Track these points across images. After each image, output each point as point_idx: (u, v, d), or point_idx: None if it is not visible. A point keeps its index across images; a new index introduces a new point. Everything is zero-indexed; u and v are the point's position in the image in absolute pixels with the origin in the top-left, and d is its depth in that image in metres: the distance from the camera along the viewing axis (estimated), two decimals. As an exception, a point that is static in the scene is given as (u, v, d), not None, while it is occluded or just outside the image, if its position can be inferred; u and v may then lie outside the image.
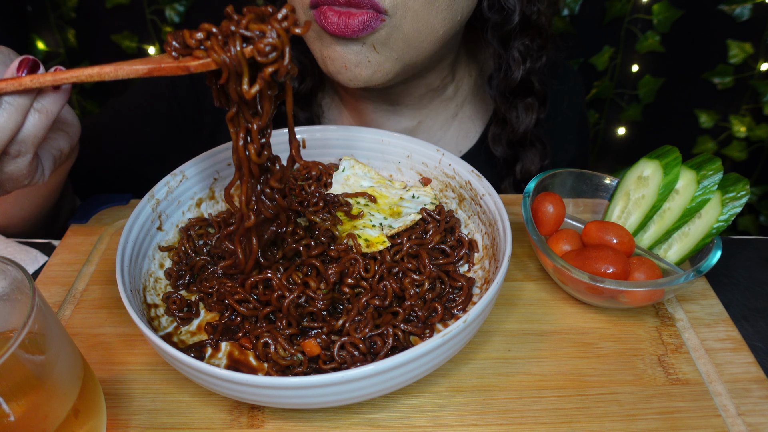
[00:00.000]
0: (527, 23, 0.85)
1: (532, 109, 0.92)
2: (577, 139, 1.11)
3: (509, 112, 0.92)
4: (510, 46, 0.87)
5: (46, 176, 0.64)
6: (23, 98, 0.55)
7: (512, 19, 0.83)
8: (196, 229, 0.73)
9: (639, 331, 0.66)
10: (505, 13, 0.83)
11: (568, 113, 1.07)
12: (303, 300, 0.62)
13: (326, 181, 0.80)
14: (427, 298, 0.64)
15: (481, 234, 0.72)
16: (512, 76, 0.88)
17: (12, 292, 0.47)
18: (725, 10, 1.64)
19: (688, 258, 0.69)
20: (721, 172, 0.66)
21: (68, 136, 0.66)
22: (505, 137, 0.96)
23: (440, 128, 0.99)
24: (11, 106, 0.55)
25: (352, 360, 0.57)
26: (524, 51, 0.87)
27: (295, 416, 0.57)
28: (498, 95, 0.92)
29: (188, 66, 0.53)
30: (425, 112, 0.97)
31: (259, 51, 0.52)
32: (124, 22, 1.69)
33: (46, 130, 0.59)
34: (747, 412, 0.57)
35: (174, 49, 0.54)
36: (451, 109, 0.99)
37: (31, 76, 0.55)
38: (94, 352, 0.63)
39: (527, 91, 0.91)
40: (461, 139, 1.01)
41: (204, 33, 0.53)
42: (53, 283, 0.72)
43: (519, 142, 0.95)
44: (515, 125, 0.93)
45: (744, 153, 1.85)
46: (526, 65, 0.88)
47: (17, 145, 0.58)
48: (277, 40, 0.52)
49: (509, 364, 0.62)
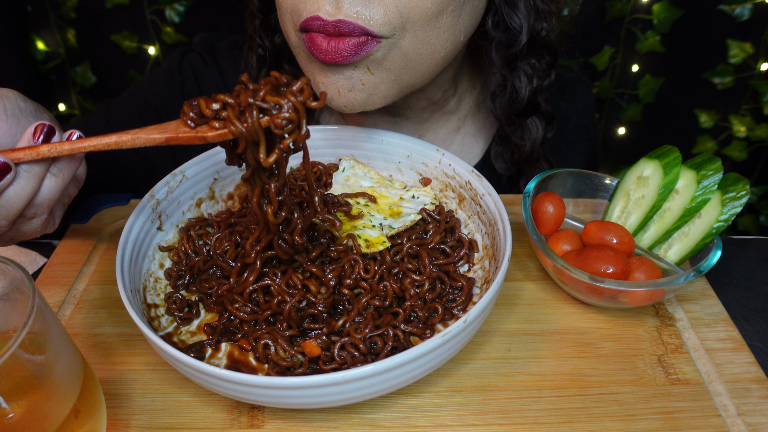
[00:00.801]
0: (535, 43, 0.81)
1: (537, 128, 0.89)
2: (585, 152, 1.08)
3: (514, 133, 0.89)
4: (516, 67, 0.82)
5: (56, 225, 0.65)
6: (40, 166, 0.56)
7: (519, 40, 0.79)
8: (196, 229, 0.73)
9: (639, 331, 0.66)
10: (511, 33, 0.79)
11: (575, 127, 1.04)
12: (303, 304, 0.62)
13: (326, 181, 0.80)
14: (427, 299, 0.64)
15: (481, 234, 0.72)
16: (518, 98, 0.84)
17: (12, 292, 0.47)
18: (725, 10, 1.64)
19: (688, 258, 0.69)
20: (721, 172, 0.66)
21: (77, 182, 0.66)
22: (508, 155, 0.93)
23: (442, 143, 0.96)
24: (28, 174, 0.56)
25: (353, 361, 0.57)
26: (531, 72, 0.83)
27: (295, 416, 0.57)
28: (502, 115, 0.88)
29: (205, 136, 0.54)
30: (426, 126, 0.95)
31: (275, 125, 0.52)
32: (124, 22, 1.69)
33: (61, 192, 0.59)
34: (747, 412, 0.57)
35: (190, 119, 0.54)
36: (453, 123, 0.96)
37: (49, 146, 0.55)
38: (94, 352, 0.63)
39: (533, 111, 0.87)
40: (465, 154, 0.98)
41: (220, 104, 0.53)
42: (53, 283, 0.72)
43: (525, 160, 0.92)
44: (520, 145, 0.89)
45: (744, 153, 1.85)
46: (533, 85, 0.83)
47: (33, 208, 0.59)
48: (294, 114, 0.52)
49: (509, 364, 0.62)
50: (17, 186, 0.56)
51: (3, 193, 0.56)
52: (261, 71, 0.92)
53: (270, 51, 0.90)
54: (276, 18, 0.88)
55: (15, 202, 0.56)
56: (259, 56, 0.91)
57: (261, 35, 0.90)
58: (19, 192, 0.56)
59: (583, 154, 1.07)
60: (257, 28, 0.90)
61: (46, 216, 0.61)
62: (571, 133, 1.03)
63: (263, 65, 0.92)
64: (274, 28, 0.89)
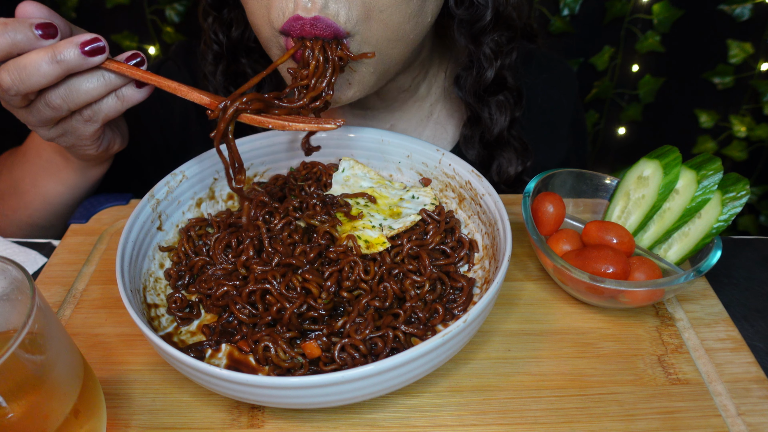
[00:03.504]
0: (499, 19, 0.81)
1: (506, 106, 0.88)
2: (569, 138, 1.06)
3: (482, 111, 0.88)
4: (481, 42, 0.82)
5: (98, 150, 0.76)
6: (117, 79, 0.66)
7: (484, 17, 0.79)
8: (196, 229, 0.72)
9: (639, 331, 0.66)
10: (475, 10, 0.79)
11: (556, 110, 1.03)
12: (304, 308, 0.61)
13: (326, 181, 0.80)
14: (427, 300, 0.64)
15: (481, 234, 0.72)
16: (485, 74, 0.84)
17: (12, 292, 0.47)
18: (725, 10, 1.64)
19: (688, 258, 0.69)
20: (721, 172, 0.66)
21: (122, 139, 0.81)
22: (477, 138, 0.92)
23: (414, 129, 0.96)
24: (103, 79, 0.66)
25: (353, 362, 0.57)
26: (495, 47, 0.83)
27: (295, 416, 0.57)
28: (470, 94, 0.87)
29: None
30: (398, 115, 0.94)
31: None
32: (124, 22, 1.69)
33: (117, 113, 0.69)
34: (747, 412, 0.57)
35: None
36: (426, 109, 0.96)
37: (128, 68, 0.65)
38: (94, 352, 0.63)
39: (500, 87, 0.87)
40: (438, 139, 0.97)
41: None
42: (53, 283, 0.72)
43: (495, 142, 0.91)
44: (490, 124, 0.89)
45: (744, 153, 1.85)
46: (497, 62, 0.84)
47: (92, 110, 0.68)
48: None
49: (509, 364, 0.62)
50: (91, 81, 0.65)
51: (79, 79, 0.65)
52: (218, 66, 0.92)
53: (226, 46, 0.90)
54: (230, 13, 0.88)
55: (83, 93, 0.65)
56: (216, 52, 0.91)
57: (216, 30, 0.89)
58: (89, 88, 0.65)
59: (566, 140, 1.06)
60: (211, 24, 0.89)
61: (98, 125, 0.70)
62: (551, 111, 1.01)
63: (220, 60, 0.91)
64: (228, 23, 0.89)
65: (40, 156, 0.87)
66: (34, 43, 0.62)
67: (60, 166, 0.85)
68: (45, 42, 0.63)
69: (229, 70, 0.92)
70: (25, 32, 0.62)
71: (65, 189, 0.87)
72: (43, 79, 0.62)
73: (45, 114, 0.67)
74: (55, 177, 0.86)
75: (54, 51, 0.62)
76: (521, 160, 0.93)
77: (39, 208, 0.89)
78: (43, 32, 0.62)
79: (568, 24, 1.69)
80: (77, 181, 0.86)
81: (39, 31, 0.62)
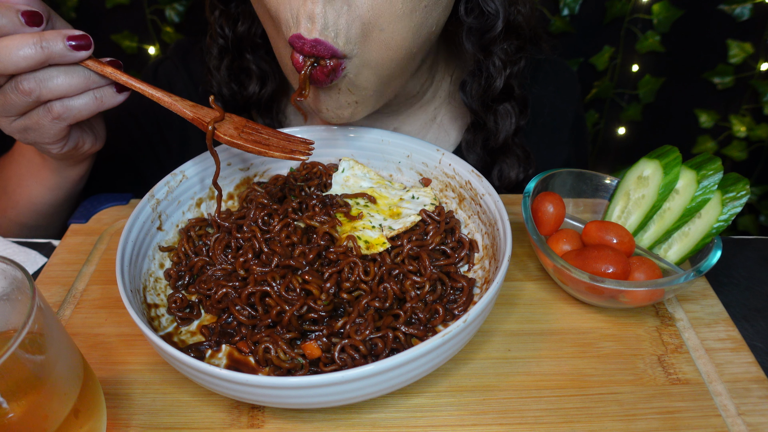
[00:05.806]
0: (510, 29, 0.80)
1: (511, 114, 0.87)
2: (570, 142, 1.06)
3: (488, 119, 0.88)
4: (491, 52, 0.81)
5: (62, 151, 0.74)
6: (96, 78, 0.66)
7: (495, 27, 0.77)
8: (196, 230, 0.72)
9: (639, 331, 0.66)
10: (486, 19, 0.77)
11: (559, 117, 1.02)
12: (304, 309, 0.61)
13: (326, 181, 0.80)
14: (428, 300, 0.64)
15: (481, 234, 0.72)
16: (493, 83, 0.83)
17: (12, 292, 0.47)
18: (725, 10, 1.64)
19: (688, 258, 0.69)
20: (721, 172, 0.66)
21: (93, 140, 0.78)
22: (480, 143, 0.91)
23: (418, 133, 0.95)
24: (83, 75, 0.65)
25: (353, 363, 0.57)
26: (504, 57, 0.81)
27: (295, 416, 0.57)
28: (476, 101, 0.86)
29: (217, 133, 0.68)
30: (402, 118, 0.94)
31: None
32: (124, 22, 1.69)
33: (89, 114, 0.68)
34: (747, 412, 0.57)
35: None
36: (430, 112, 0.95)
37: (113, 69, 0.66)
38: (94, 352, 0.63)
39: (507, 96, 0.86)
40: (441, 143, 0.96)
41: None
42: (53, 283, 0.72)
43: (499, 148, 0.90)
44: (495, 132, 0.88)
45: (744, 153, 1.85)
46: (506, 71, 0.83)
47: (62, 106, 0.66)
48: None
49: (509, 364, 0.62)
50: (70, 73, 0.64)
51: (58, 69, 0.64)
52: (223, 61, 0.91)
53: (232, 40, 0.89)
54: (237, 7, 0.88)
55: (60, 82, 0.64)
56: (221, 46, 0.90)
57: (222, 24, 0.89)
58: (65, 81, 0.64)
59: (567, 143, 1.05)
60: (217, 18, 0.89)
61: (64, 126, 0.69)
62: (552, 116, 1.00)
63: (225, 55, 0.91)
64: (235, 17, 0.89)
65: (23, 156, 0.86)
66: (18, 29, 0.62)
67: (39, 166, 0.84)
68: (29, 29, 0.63)
69: (234, 66, 0.92)
70: (10, 17, 0.62)
71: (45, 189, 0.86)
72: (23, 62, 0.61)
73: (11, 100, 0.65)
74: (36, 177, 0.86)
75: (40, 36, 0.61)
76: (523, 167, 0.92)
77: (24, 209, 0.89)
78: (28, 19, 0.62)
79: (568, 24, 1.69)
80: (56, 181, 0.85)
81: (24, 18, 0.62)
